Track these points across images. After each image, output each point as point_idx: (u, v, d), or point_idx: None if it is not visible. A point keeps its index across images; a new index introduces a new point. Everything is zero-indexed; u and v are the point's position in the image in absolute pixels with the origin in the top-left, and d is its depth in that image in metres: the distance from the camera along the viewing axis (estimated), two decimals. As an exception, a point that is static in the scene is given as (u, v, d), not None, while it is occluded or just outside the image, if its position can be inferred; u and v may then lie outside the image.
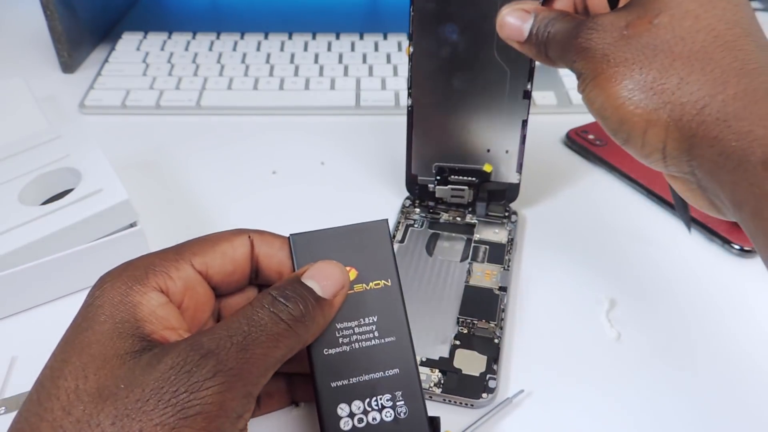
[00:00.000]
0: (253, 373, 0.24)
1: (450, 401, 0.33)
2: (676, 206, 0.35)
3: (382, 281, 0.29)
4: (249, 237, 0.29)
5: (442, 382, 0.34)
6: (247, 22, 0.71)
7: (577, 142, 0.52)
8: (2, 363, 0.35)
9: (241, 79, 0.59)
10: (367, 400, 0.28)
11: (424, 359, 0.35)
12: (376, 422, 0.28)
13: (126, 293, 0.25)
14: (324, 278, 0.27)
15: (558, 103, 0.57)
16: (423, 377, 0.34)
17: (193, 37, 0.65)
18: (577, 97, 0.57)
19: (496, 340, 0.36)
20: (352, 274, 0.29)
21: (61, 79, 0.62)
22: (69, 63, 0.62)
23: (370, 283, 0.29)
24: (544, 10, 0.33)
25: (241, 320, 0.25)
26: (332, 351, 0.28)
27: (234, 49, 0.64)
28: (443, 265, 0.41)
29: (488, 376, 0.34)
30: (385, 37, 0.66)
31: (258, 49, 0.64)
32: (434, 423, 0.29)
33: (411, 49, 0.40)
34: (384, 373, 0.28)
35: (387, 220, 0.30)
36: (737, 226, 0.43)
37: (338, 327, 0.28)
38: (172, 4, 0.77)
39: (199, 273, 0.27)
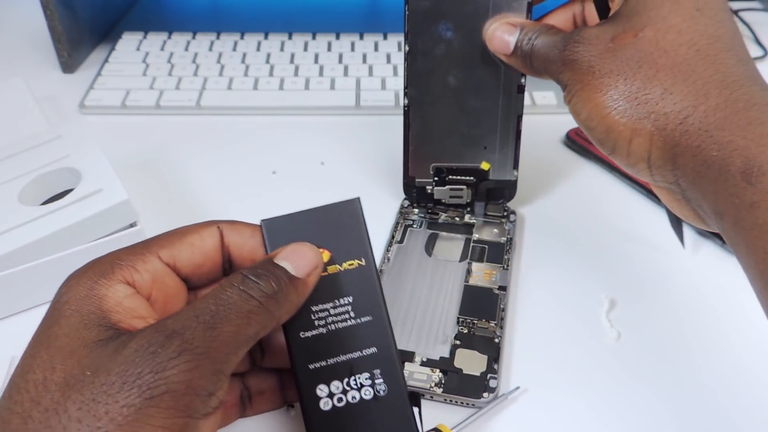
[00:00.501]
0: (221, 350, 0.24)
1: (451, 401, 0.33)
2: (670, 221, 0.35)
3: (356, 261, 0.29)
4: (218, 227, 0.29)
5: (443, 382, 0.34)
6: (247, 22, 0.71)
7: (577, 142, 0.52)
8: (2, 363, 0.35)
9: (241, 79, 0.59)
10: (346, 379, 0.28)
11: (424, 359, 0.35)
12: (355, 401, 0.28)
13: (91, 287, 0.25)
14: (297, 258, 0.27)
15: (558, 103, 0.57)
16: (423, 377, 0.34)
17: (193, 37, 0.65)
18: (577, 97, 0.57)
19: (496, 340, 0.36)
20: (326, 255, 0.29)
21: (61, 79, 0.62)
22: (69, 63, 0.62)
23: (344, 264, 0.29)
24: (530, 24, 0.34)
25: (209, 300, 0.25)
26: (309, 333, 0.28)
27: (234, 49, 0.64)
28: (442, 265, 0.41)
29: (489, 375, 0.34)
30: (385, 37, 0.66)
31: (258, 49, 0.64)
32: (415, 398, 0.29)
33: (406, 48, 0.40)
34: (362, 352, 0.28)
35: (359, 198, 0.30)
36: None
37: (314, 309, 0.28)
38: (172, 4, 0.77)
39: (167, 265, 0.27)
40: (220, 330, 0.24)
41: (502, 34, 0.35)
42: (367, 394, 0.28)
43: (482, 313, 0.37)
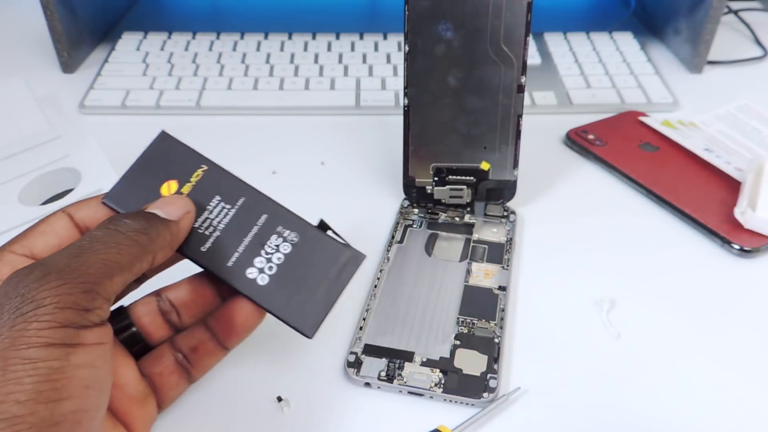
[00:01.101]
0: (90, 272, 0.24)
1: (451, 401, 0.33)
2: None
3: (200, 170, 0.32)
4: (63, 210, 0.29)
5: (443, 382, 0.34)
6: (247, 22, 0.71)
7: (577, 142, 0.52)
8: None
9: (241, 79, 0.59)
10: (262, 251, 0.31)
11: (424, 359, 0.35)
12: (282, 260, 0.30)
13: None
14: (166, 206, 0.29)
15: (558, 103, 0.57)
16: (423, 377, 0.34)
17: (193, 37, 0.66)
18: (577, 97, 0.57)
19: (496, 340, 0.36)
20: (174, 185, 0.31)
21: (61, 79, 0.62)
22: (69, 63, 0.62)
23: (192, 179, 0.31)
24: None
25: (79, 239, 0.26)
26: (207, 244, 0.30)
27: (234, 49, 0.64)
28: (442, 265, 0.41)
29: (489, 375, 0.34)
30: (385, 37, 0.66)
31: (258, 49, 0.64)
32: (322, 225, 0.31)
33: (406, 48, 0.40)
34: (258, 224, 0.31)
35: (164, 131, 0.33)
36: (737, 226, 0.43)
37: (197, 226, 0.30)
38: (172, 4, 0.77)
39: (24, 256, 0.28)
40: (85, 257, 0.25)
41: None
42: (286, 248, 0.31)
43: (482, 313, 0.37)
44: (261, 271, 0.30)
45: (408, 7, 0.39)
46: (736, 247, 0.42)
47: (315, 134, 0.54)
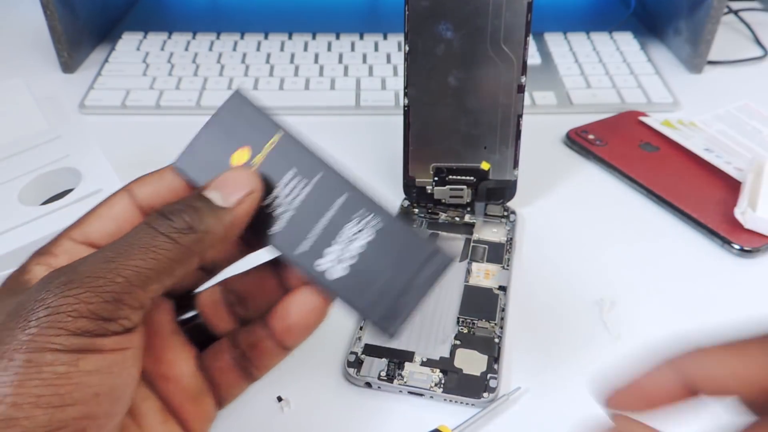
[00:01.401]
0: (118, 281, 0.23)
1: (451, 401, 0.33)
2: None
3: (274, 138, 0.28)
4: (126, 189, 0.28)
5: (443, 382, 0.34)
6: (247, 22, 0.71)
7: (577, 142, 0.52)
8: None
9: (240, 79, 0.59)
10: (338, 237, 0.27)
11: (424, 359, 0.35)
12: (361, 251, 0.27)
13: (14, 278, 0.25)
14: (225, 186, 0.26)
15: (558, 103, 0.57)
16: (423, 377, 0.34)
17: (193, 37, 0.66)
18: (577, 97, 0.57)
19: (496, 340, 0.36)
20: (246, 154, 0.28)
21: (61, 79, 0.62)
22: (69, 63, 0.62)
23: (266, 148, 0.28)
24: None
25: (118, 239, 0.24)
26: (278, 225, 0.27)
27: (234, 49, 0.64)
28: (443, 265, 0.41)
29: (489, 375, 0.34)
30: (385, 37, 0.66)
31: (258, 49, 0.64)
32: (405, 213, 0.28)
33: (406, 48, 0.40)
34: (335, 205, 0.27)
35: (239, 90, 0.29)
36: (737, 226, 0.43)
37: (267, 203, 0.27)
38: (172, 4, 0.77)
39: (83, 245, 0.27)
40: (117, 263, 0.23)
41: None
42: (366, 236, 0.27)
43: (482, 313, 0.37)
44: (338, 260, 0.26)
45: (408, 7, 0.39)
46: (736, 247, 0.42)
47: (315, 134, 0.54)
